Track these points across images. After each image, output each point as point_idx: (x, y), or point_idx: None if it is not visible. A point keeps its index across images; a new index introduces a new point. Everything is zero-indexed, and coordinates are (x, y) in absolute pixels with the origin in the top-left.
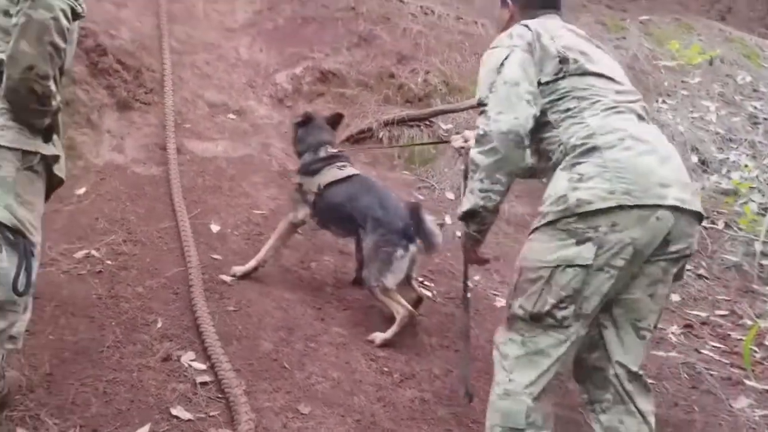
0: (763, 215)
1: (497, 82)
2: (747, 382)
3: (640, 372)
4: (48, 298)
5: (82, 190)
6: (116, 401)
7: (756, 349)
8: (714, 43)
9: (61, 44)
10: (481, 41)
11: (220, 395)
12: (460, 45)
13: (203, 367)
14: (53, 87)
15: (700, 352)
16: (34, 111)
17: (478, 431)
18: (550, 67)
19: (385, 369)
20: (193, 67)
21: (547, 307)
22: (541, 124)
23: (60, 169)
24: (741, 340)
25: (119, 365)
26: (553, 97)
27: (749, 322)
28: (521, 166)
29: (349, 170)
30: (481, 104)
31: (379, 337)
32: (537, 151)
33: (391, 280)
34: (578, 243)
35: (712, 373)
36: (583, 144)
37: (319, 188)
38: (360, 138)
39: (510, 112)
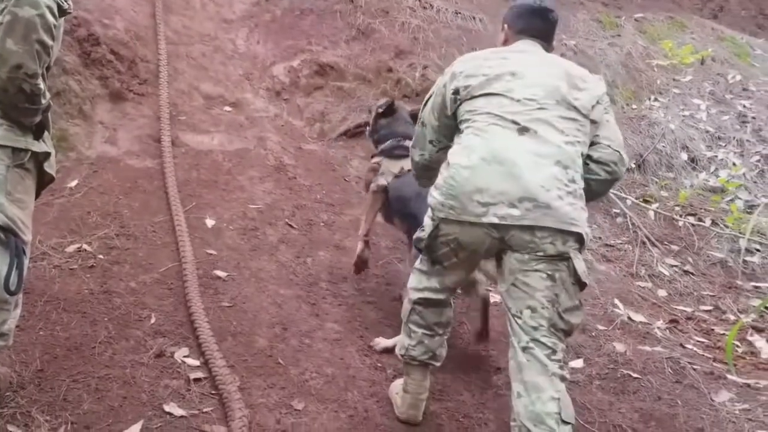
0: (749, 213)
1: (419, 120)
2: (729, 376)
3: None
4: (39, 293)
5: (74, 183)
6: (108, 398)
7: (738, 344)
8: (706, 42)
9: (49, 42)
10: (480, 37)
11: (213, 392)
12: (458, 40)
13: (197, 363)
14: (42, 85)
15: (684, 347)
16: (23, 109)
17: (469, 426)
18: (449, 102)
19: (379, 365)
20: (189, 58)
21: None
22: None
23: (50, 166)
24: (724, 335)
25: (112, 361)
26: (458, 119)
27: (732, 318)
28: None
29: None
30: None
31: (381, 343)
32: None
33: None
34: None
35: (695, 367)
36: (448, 156)
37: (402, 171)
38: (357, 132)
39: (419, 148)
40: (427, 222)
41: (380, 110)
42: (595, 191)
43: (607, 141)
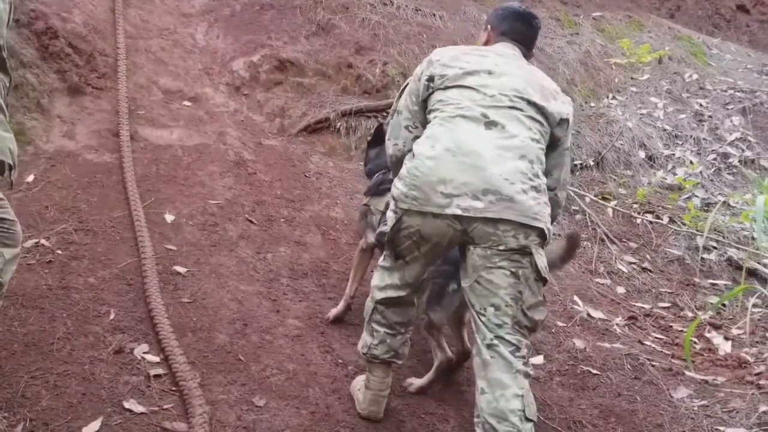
0: (706, 211)
1: (394, 110)
2: (687, 373)
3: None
4: None
5: (30, 177)
6: (67, 394)
7: (696, 340)
8: (663, 41)
9: None
10: (440, 33)
11: (174, 388)
12: (418, 37)
13: (157, 359)
14: None
15: (643, 344)
16: None
17: (430, 422)
18: (422, 88)
19: (340, 361)
20: (148, 52)
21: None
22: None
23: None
24: (682, 331)
25: (70, 357)
26: (428, 109)
27: (690, 315)
28: None
29: None
30: None
31: (414, 384)
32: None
33: (438, 316)
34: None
35: (654, 364)
36: (412, 149)
37: (386, 206)
38: (317, 128)
39: (393, 138)
40: (390, 215)
41: (369, 138)
42: None
43: (551, 179)
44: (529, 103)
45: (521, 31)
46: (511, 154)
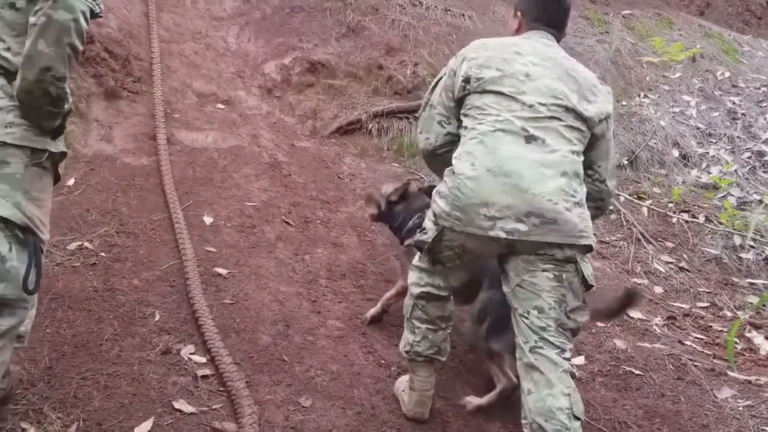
0: (742, 210)
1: (426, 103)
2: (729, 373)
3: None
4: (44, 291)
5: (71, 181)
6: (118, 395)
7: (736, 340)
8: (694, 39)
9: (80, 46)
10: (469, 33)
11: (221, 388)
12: (447, 37)
13: (203, 360)
14: (67, 89)
15: (683, 344)
16: (45, 113)
17: (475, 423)
18: (457, 87)
19: (383, 362)
20: (181, 56)
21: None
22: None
23: (62, 167)
24: (722, 331)
25: (119, 359)
26: (463, 111)
27: (729, 314)
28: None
29: None
30: None
31: (473, 403)
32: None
33: (500, 345)
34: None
35: (696, 364)
36: (453, 160)
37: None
38: (349, 129)
39: (425, 132)
40: (430, 226)
41: (393, 198)
42: None
43: (598, 171)
44: (567, 110)
45: (553, 14)
46: (552, 172)
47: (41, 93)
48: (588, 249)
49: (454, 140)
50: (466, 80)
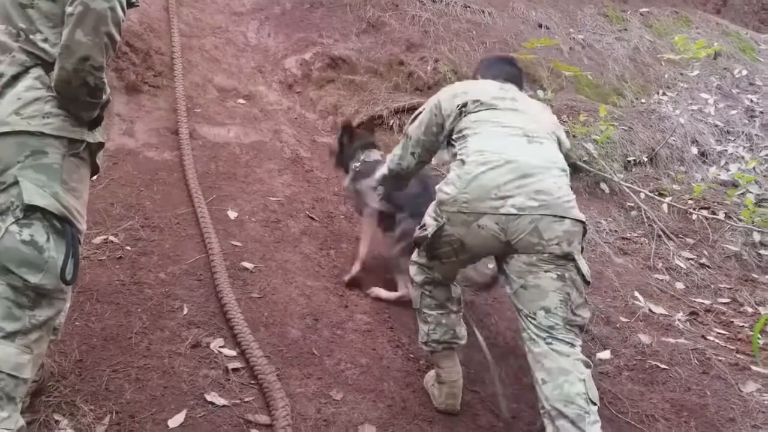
0: (760, 207)
1: (405, 132)
2: (753, 367)
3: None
4: None
5: (95, 175)
6: (150, 387)
7: (759, 336)
8: (711, 37)
9: (117, 35)
10: (489, 30)
11: (252, 381)
12: (467, 33)
13: (233, 353)
14: (105, 79)
15: (706, 339)
16: (83, 103)
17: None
18: (452, 115)
19: (411, 355)
20: (202, 50)
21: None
22: (452, 141)
23: (100, 157)
24: (743, 326)
25: (149, 351)
26: (457, 126)
27: (750, 310)
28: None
29: None
30: None
31: (375, 292)
32: (454, 155)
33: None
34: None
35: (720, 358)
36: (459, 156)
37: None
38: (371, 125)
39: (399, 159)
40: (430, 222)
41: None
42: None
43: None
44: (549, 135)
45: (509, 72)
46: (556, 168)
47: (79, 83)
48: (584, 233)
49: (420, 167)
50: (463, 105)
